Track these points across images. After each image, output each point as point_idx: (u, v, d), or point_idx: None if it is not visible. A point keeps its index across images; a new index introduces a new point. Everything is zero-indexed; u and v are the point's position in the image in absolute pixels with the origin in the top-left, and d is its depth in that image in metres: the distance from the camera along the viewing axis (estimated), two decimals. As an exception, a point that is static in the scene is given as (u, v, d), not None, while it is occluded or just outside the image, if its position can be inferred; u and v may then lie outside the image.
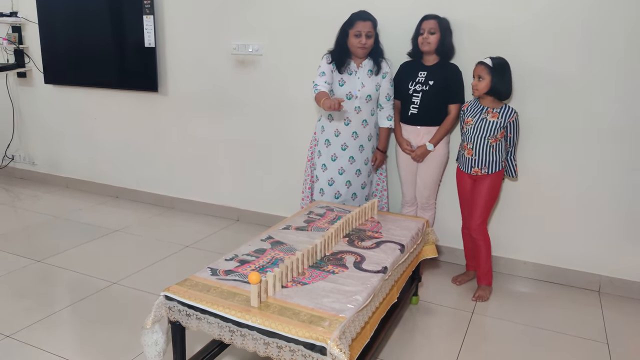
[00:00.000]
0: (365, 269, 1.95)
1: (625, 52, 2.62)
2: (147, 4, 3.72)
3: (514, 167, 2.76)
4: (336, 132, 2.85)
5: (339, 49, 2.78)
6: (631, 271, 2.83)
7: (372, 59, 2.80)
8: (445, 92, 2.77)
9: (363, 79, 2.78)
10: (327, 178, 2.90)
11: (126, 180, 4.30)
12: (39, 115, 4.59)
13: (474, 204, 2.75)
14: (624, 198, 2.77)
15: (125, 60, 4.00)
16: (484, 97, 2.65)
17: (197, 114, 3.85)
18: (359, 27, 2.69)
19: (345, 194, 2.89)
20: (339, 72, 2.78)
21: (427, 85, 2.77)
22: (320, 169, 2.92)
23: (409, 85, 2.81)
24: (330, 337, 1.48)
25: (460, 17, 2.85)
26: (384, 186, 3.08)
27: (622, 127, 2.69)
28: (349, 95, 2.78)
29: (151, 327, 1.76)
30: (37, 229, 3.60)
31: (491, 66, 2.56)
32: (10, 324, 2.36)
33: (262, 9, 3.42)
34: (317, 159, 2.95)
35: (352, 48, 2.75)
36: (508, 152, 2.72)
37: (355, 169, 2.88)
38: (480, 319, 2.56)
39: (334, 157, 2.87)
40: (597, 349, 2.33)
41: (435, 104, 2.78)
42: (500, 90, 2.59)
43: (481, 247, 2.76)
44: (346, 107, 2.79)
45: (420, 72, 2.80)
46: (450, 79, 2.77)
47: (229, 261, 1.98)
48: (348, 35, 2.73)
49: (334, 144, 2.87)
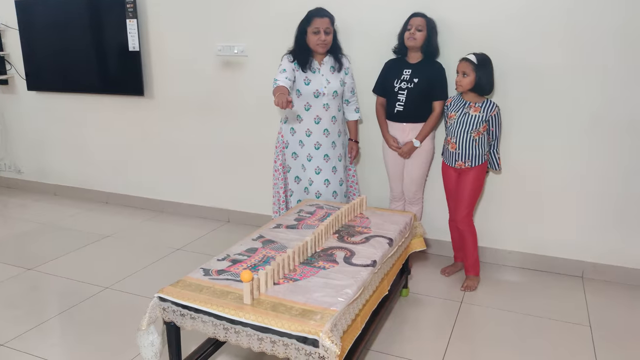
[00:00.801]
0: (355, 264, 1.99)
1: (606, 44, 2.69)
2: (130, 8, 3.72)
3: (497, 160, 2.82)
4: (307, 132, 2.85)
5: (299, 48, 2.78)
6: (613, 256, 2.92)
7: (332, 55, 2.84)
8: (429, 89, 2.83)
9: (327, 76, 2.81)
10: (307, 178, 2.91)
11: (115, 185, 4.30)
12: (23, 123, 4.57)
13: (459, 197, 2.81)
14: (605, 186, 2.85)
15: (109, 65, 3.99)
16: (467, 93, 2.71)
17: (184, 116, 3.86)
18: (317, 24, 2.71)
19: (325, 193, 2.92)
20: (303, 71, 2.78)
21: (411, 83, 2.82)
22: (300, 169, 2.92)
23: (394, 83, 2.86)
24: (322, 329, 1.52)
25: (442, 15, 2.91)
26: (356, 180, 3.14)
27: (602, 118, 2.77)
28: (317, 93, 2.80)
29: (147, 328, 1.79)
30: (26, 238, 3.59)
31: (476, 63, 2.62)
32: (2, 333, 2.37)
33: (247, 10, 3.45)
34: (292, 160, 2.92)
35: (311, 45, 2.75)
36: (491, 146, 2.79)
37: (331, 166, 2.91)
38: (469, 309, 2.63)
39: (309, 157, 2.88)
40: (580, 332, 2.41)
41: (420, 101, 2.84)
42: (483, 86, 2.66)
43: (468, 238, 2.82)
44: (314, 105, 2.81)
45: (405, 69, 2.86)
46: (434, 77, 2.83)
47: (221, 261, 2.01)
48: (306, 33, 2.75)
49: (307, 144, 2.87)
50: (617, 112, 2.74)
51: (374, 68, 3.01)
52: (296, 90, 2.78)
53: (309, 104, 2.80)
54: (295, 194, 2.94)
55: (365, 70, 3.12)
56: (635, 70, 2.67)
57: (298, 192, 2.93)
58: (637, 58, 2.65)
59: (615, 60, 2.69)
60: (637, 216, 2.82)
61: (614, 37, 2.67)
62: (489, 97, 2.79)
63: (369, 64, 3.10)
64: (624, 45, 2.66)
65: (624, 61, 2.68)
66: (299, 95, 2.79)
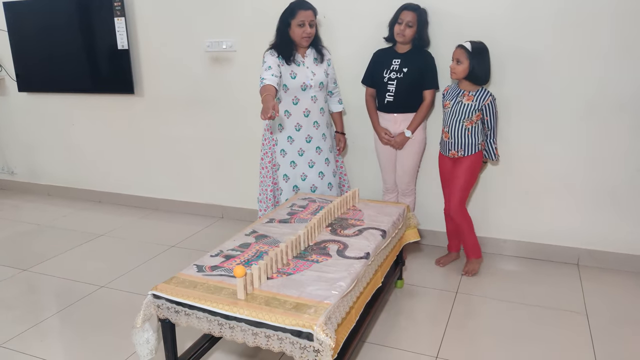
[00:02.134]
0: (349, 256, 1.99)
1: (600, 30, 2.68)
2: (118, 6, 3.69)
3: (493, 150, 2.79)
4: (297, 127, 2.82)
5: (283, 41, 2.73)
6: (608, 243, 2.93)
7: (313, 47, 2.82)
8: (419, 79, 2.82)
9: (312, 68, 2.79)
10: (298, 174, 2.88)
11: (108, 184, 4.29)
12: (14, 124, 4.54)
13: (452, 186, 2.81)
14: (598, 173, 2.86)
15: (99, 64, 3.97)
16: (463, 81, 2.69)
17: (174, 113, 3.85)
18: (302, 17, 2.67)
19: (320, 186, 2.91)
20: (288, 64, 2.74)
21: (401, 73, 2.81)
22: (289, 166, 2.87)
23: (384, 74, 2.85)
24: (316, 323, 1.52)
25: (435, 3, 2.89)
26: (344, 171, 3.12)
27: (595, 105, 2.77)
28: (304, 86, 2.77)
29: (141, 326, 1.79)
30: (21, 238, 3.58)
31: (470, 50, 2.59)
32: (0, 334, 2.36)
33: (234, 4, 3.43)
34: (280, 158, 2.87)
35: (296, 38, 2.71)
36: (487, 136, 2.78)
37: (323, 158, 2.90)
38: (464, 298, 2.63)
39: (301, 151, 2.85)
40: (577, 319, 2.42)
41: (410, 91, 2.83)
42: (478, 75, 2.63)
43: (462, 225, 2.84)
44: (302, 98, 2.79)
45: (394, 59, 2.84)
46: (424, 66, 2.82)
47: (215, 257, 2.01)
48: (290, 26, 2.70)
49: (297, 139, 2.83)
50: (609, 99, 2.75)
51: (361, 59, 3.01)
52: (283, 85, 2.75)
53: (297, 97, 2.78)
54: (285, 192, 2.88)
55: (351, 61, 3.12)
56: (628, 57, 2.67)
57: (287, 191, 2.88)
58: (631, 45, 2.65)
59: (609, 47, 2.69)
60: (630, 203, 2.83)
61: (608, 22, 2.66)
62: (485, 86, 2.78)
63: (354, 55, 3.10)
64: (618, 32, 2.65)
65: (617, 49, 2.67)
66: (286, 90, 2.76)
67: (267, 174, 2.90)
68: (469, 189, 2.85)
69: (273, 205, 2.91)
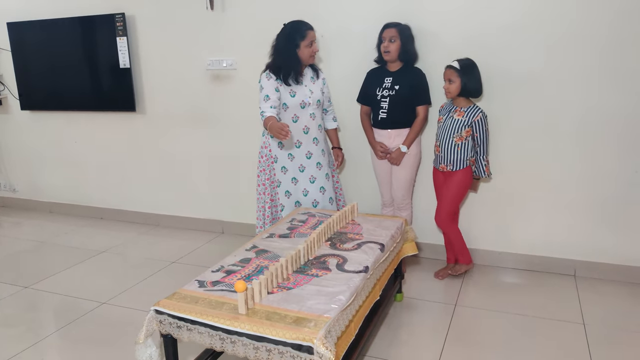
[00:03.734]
0: (348, 270, 2.03)
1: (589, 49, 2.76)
2: (120, 26, 3.77)
3: (484, 167, 2.83)
4: (297, 144, 2.87)
5: (289, 61, 2.75)
6: (603, 254, 2.96)
7: (310, 66, 2.89)
8: (411, 95, 2.89)
9: (310, 86, 2.85)
10: (300, 190, 2.92)
11: (110, 200, 4.33)
12: (17, 142, 4.59)
13: (442, 198, 2.90)
14: (590, 187, 2.91)
15: (101, 82, 4.04)
16: (457, 98, 2.78)
17: (175, 130, 3.90)
18: (311, 37, 2.75)
19: (322, 201, 2.95)
20: (287, 84, 2.78)
21: (393, 90, 2.89)
22: (291, 183, 2.91)
23: (377, 92, 2.93)
24: (316, 336, 1.55)
25: (423, 22, 2.98)
26: (340, 186, 3.16)
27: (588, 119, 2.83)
28: (303, 104, 2.82)
29: (144, 341, 1.81)
30: (23, 256, 3.60)
31: (459, 69, 2.69)
32: (1, 352, 2.37)
33: (234, 24, 3.50)
34: (281, 175, 2.89)
35: (304, 57, 2.77)
36: (477, 152, 2.83)
37: (324, 173, 2.95)
38: (463, 311, 2.66)
39: (302, 167, 2.89)
40: (574, 330, 2.44)
41: (402, 107, 2.90)
42: (471, 90, 2.73)
43: (449, 235, 2.93)
44: (302, 116, 2.84)
45: (386, 78, 2.92)
46: (415, 83, 2.90)
47: (216, 272, 2.04)
48: (299, 47, 2.74)
49: (297, 155, 2.88)
50: (601, 114, 2.80)
51: (357, 78, 3.09)
52: (282, 104, 2.79)
53: (297, 115, 2.83)
54: (287, 208, 2.91)
55: (347, 80, 3.21)
56: (616, 77, 2.74)
57: (289, 207, 2.91)
58: (619, 65, 2.72)
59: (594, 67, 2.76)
60: (621, 215, 2.88)
61: (598, 42, 2.74)
62: (477, 101, 2.85)
63: (351, 75, 3.18)
64: (607, 52, 2.73)
65: (605, 70, 2.75)
66: (285, 109, 2.81)
67: (265, 191, 2.92)
68: (457, 202, 2.92)
69: (271, 222, 2.93)
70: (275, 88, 2.74)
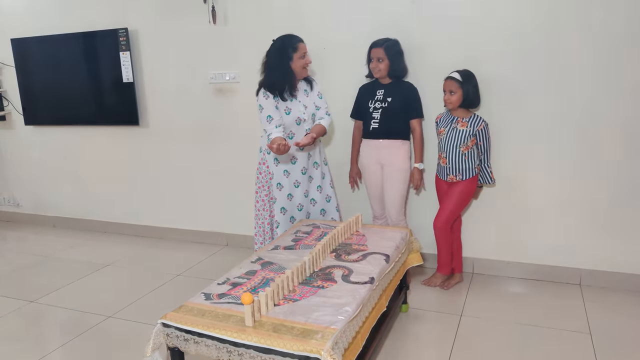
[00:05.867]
0: (354, 281, 2.03)
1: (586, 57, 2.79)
2: (123, 41, 3.81)
3: (489, 174, 2.90)
4: (293, 160, 2.85)
5: (284, 75, 2.73)
6: (609, 263, 2.96)
7: (304, 79, 2.87)
8: (403, 108, 2.92)
9: (303, 101, 2.83)
10: (295, 205, 2.91)
11: (114, 214, 4.34)
12: (21, 157, 4.62)
13: (444, 204, 2.91)
14: (597, 193, 2.91)
15: (104, 97, 4.07)
16: (455, 109, 2.80)
17: (179, 143, 3.92)
18: (302, 49, 2.75)
19: (314, 212, 2.97)
20: (283, 100, 2.75)
21: (385, 102, 2.93)
22: (286, 199, 2.87)
23: (369, 104, 2.98)
24: (323, 348, 1.55)
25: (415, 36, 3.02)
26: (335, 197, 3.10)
27: (589, 127, 2.85)
28: (298, 120, 2.80)
29: (151, 355, 1.82)
30: (27, 270, 3.61)
31: (460, 80, 2.72)
32: (8, 367, 2.38)
33: (236, 37, 3.54)
34: (277, 192, 2.86)
35: (298, 70, 2.75)
36: (481, 160, 2.86)
37: (315, 185, 2.95)
38: (469, 321, 2.65)
39: (297, 183, 2.88)
40: (581, 340, 2.43)
41: (394, 118, 2.93)
42: (472, 99, 2.77)
43: (440, 241, 2.94)
44: (297, 132, 2.81)
45: (378, 90, 2.97)
46: (407, 96, 2.93)
47: (222, 285, 2.04)
48: (292, 59, 2.73)
49: (293, 172, 2.86)
50: (601, 122, 2.82)
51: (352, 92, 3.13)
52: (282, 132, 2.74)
53: (292, 132, 2.81)
54: (282, 225, 2.88)
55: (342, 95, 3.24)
56: (614, 84, 2.76)
57: (285, 223, 2.88)
58: (616, 72, 2.74)
59: (593, 72, 2.79)
60: (626, 223, 2.88)
61: (594, 50, 2.76)
62: (476, 111, 2.88)
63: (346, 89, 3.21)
64: (604, 60, 2.75)
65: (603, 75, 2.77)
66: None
67: (264, 207, 2.90)
68: (458, 211, 2.94)
69: (270, 238, 2.90)
70: (275, 106, 2.73)
